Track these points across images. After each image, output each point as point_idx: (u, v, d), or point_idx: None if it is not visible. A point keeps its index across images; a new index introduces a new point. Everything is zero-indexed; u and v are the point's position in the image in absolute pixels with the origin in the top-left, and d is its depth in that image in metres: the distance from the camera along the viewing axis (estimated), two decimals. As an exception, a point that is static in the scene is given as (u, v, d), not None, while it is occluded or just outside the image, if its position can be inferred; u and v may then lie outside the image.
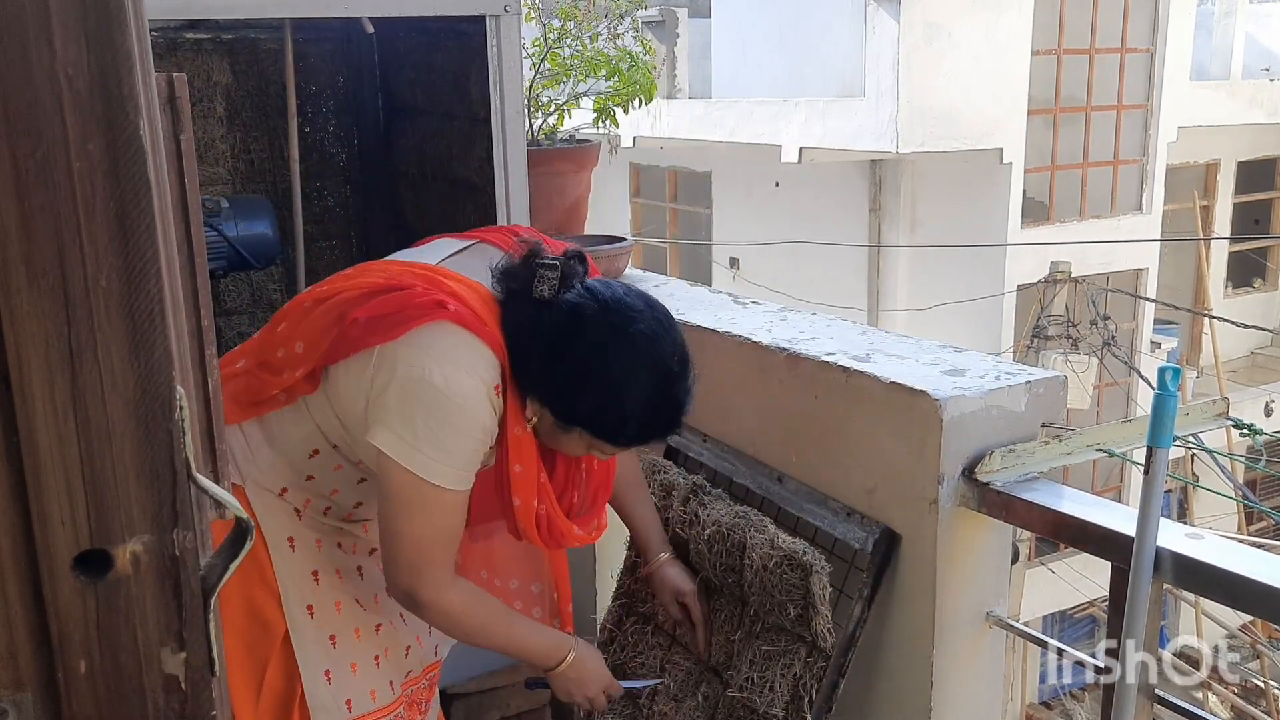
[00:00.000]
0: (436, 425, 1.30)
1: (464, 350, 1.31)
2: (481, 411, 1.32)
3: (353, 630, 1.52)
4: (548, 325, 1.32)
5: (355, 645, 1.52)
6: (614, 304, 1.34)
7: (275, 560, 1.45)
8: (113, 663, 0.60)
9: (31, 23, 0.53)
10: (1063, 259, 8.49)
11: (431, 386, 1.28)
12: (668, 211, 12.46)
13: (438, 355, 1.29)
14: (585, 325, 1.32)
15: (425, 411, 1.30)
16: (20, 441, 0.57)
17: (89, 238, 0.56)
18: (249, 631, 1.45)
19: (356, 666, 1.52)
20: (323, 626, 1.49)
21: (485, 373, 1.32)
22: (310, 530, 1.50)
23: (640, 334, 1.33)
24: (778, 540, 1.53)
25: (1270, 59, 11.94)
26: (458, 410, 1.30)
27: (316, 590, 1.49)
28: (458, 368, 1.30)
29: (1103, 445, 1.47)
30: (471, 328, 1.31)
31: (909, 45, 8.45)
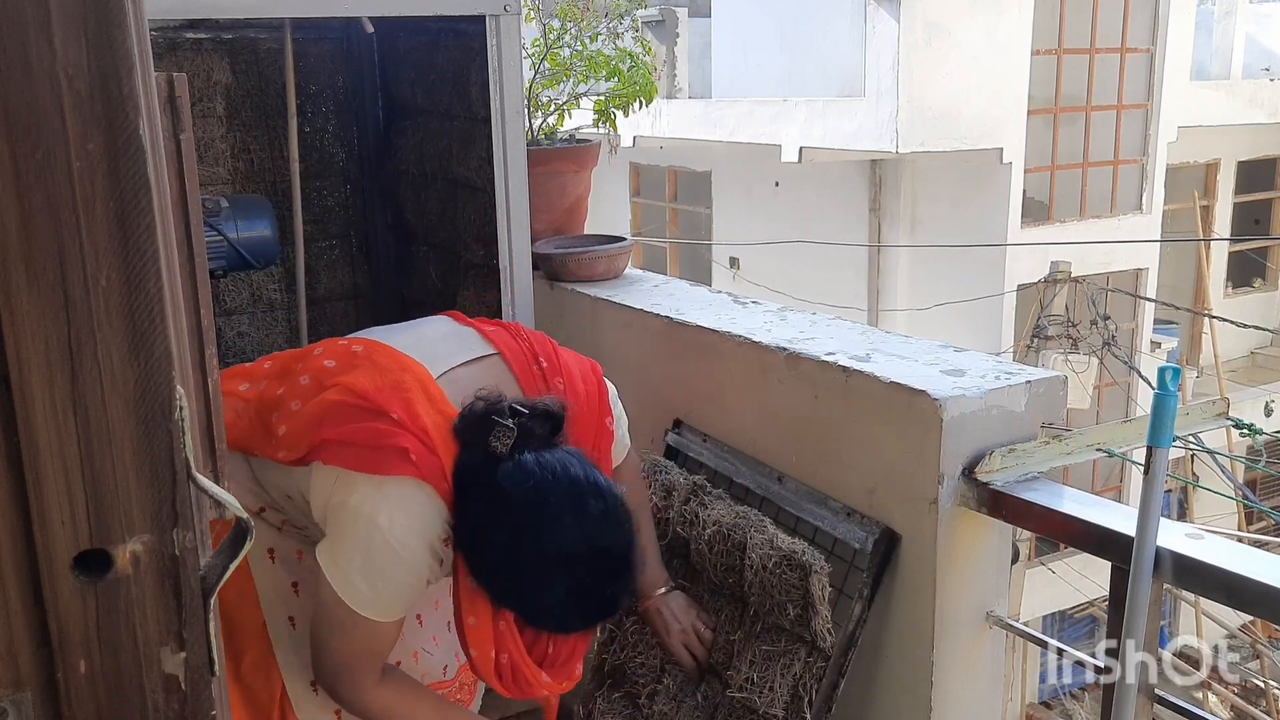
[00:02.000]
0: (374, 567, 1.31)
1: (415, 506, 1.31)
2: (421, 565, 1.33)
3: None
4: (486, 485, 1.30)
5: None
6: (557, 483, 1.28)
7: (255, 572, 1.48)
8: (113, 663, 0.60)
9: (31, 23, 0.53)
10: (1063, 259, 8.49)
11: (377, 529, 1.30)
12: (668, 211, 12.46)
13: (392, 503, 1.31)
14: (514, 499, 1.28)
15: (365, 551, 1.31)
16: (20, 441, 0.57)
17: (89, 238, 0.56)
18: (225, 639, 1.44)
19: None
20: (302, 638, 1.48)
21: (435, 529, 1.33)
22: (292, 540, 1.51)
23: (589, 517, 1.28)
24: (777, 540, 1.53)
25: (1270, 59, 11.94)
26: (396, 560, 1.31)
27: (297, 602, 1.51)
28: (407, 521, 1.31)
29: (1103, 445, 1.47)
30: (431, 481, 1.31)
31: (909, 45, 8.45)
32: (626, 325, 2.05)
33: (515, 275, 2.11)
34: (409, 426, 1.32)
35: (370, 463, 1.32)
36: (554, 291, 2.27)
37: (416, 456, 1.31)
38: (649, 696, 1.73)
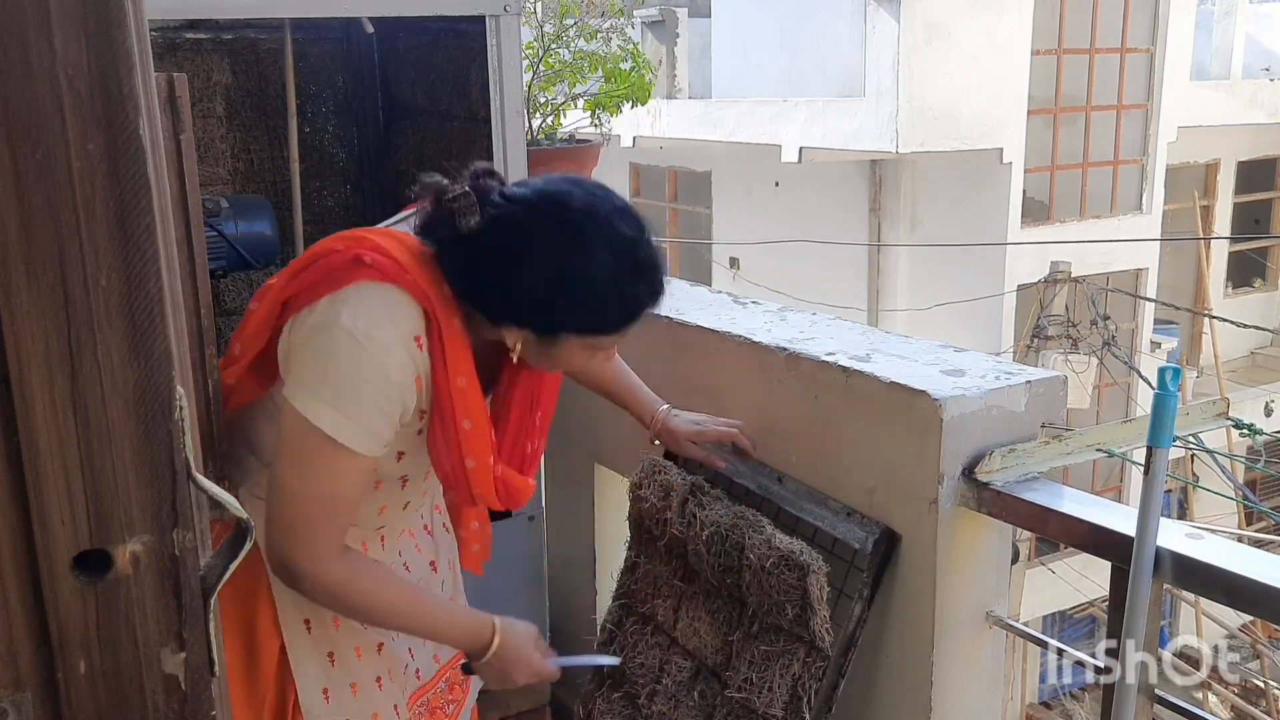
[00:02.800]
0: (344, 374, 1.22)
1: (378, 301, 1.24)
2: (391, 362, 1.23)
3: (352, 649, 1.45)
4: (485, 252, 1.25)
5: (355, 664, 1.46)
6: (540, 198, 1.26)
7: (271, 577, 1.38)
8: (113, 663, 0.60)
9: (31, 23, 0.53)
10: (1063, 259, 8.49)
11: (340, 330, 1.22)
12: (668, 211, 12.46)
13: (352, 304, 1.23)
14: (521, 232, 1.24)
15: (331, 358, 1.22)
16: (20, 441, 0.57)
17: (89, 238, 0.56)
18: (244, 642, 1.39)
19: (356, 688, 1.46)
20: (320, 643, 1.43)
21: (403, 322, 1.24)
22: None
23: (579, 213, 1.25)
24: (775, 540, 1.53)
25: (1270, 59, 11.94)
26: (366, 357, 1.22)
27: (314, 606, 1.41)
28: (370, 314, 1.23)
29: (1103, 445, 1.47)
30: (391, 277, 1.24)
31: (909, 45, 8.46)
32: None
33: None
34: (363, 244, 1.27)
35: (325, 286, 1.24)
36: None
37: (374, 261, 1.24)
38: (648, 696, 1.73)
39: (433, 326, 1.26)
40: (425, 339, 1.26)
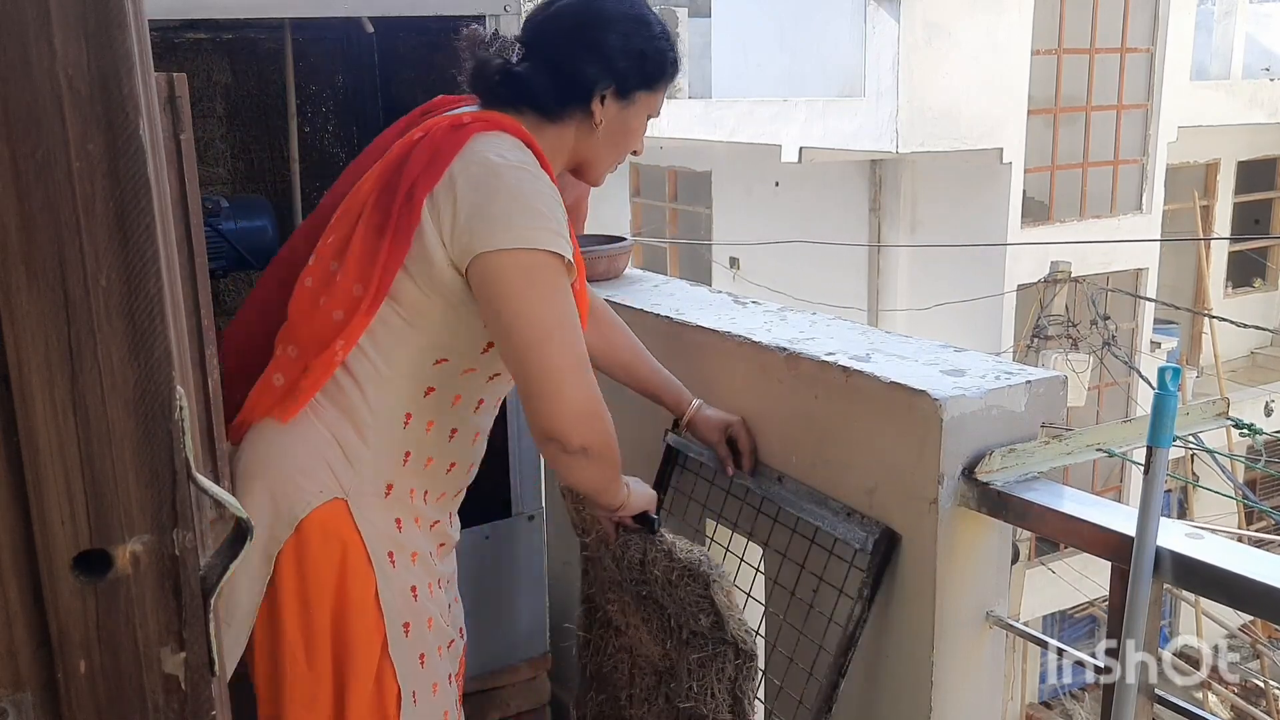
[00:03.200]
0: (533, 198, 1.30)
1: (501, 142, 1.35)
2: (542, 175, 1.34)
3: (437, 649, 1.47)
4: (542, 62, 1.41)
5: (437, 664, 1.47)
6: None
7: (379, 576, 1.39)
8: (113, 663, 0.60)
9: (31, 23, 0.53)
10: (1063, 259, 8.50)
11: (503, 168, 1.31)
12: (668, 211, 12.46)
13: (488, 149, 1.32)
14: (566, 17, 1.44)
15: (513, 192, 1.30)
16: (20, 441, 0.57)
17: (89, 238, 0.56)
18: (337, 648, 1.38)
19: (437, 687, 1.48)
20: (415, 645, 1.44)
21: (529, 154, 1.36)
22: (408, 543, 1.44)
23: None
24: (676, 552, 1.52)
25: (1270, 59, 11.95)
26: (532, 178, 1.31)
27: (414, 608, 1.44)
28: (508, 150, 1.33)
29: (1103, 445, 1.47)
30: (492, 126, 1.36)
31: (909, 45, 8.46)
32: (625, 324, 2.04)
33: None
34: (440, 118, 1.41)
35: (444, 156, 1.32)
36: (554, 291, 2.27)
37: (470, 119, 1.36)
38: (627, 699, 1.73)
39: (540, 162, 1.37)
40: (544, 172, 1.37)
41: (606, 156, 1.49)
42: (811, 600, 1.62)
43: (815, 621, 1.61)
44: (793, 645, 1.66)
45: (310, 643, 1.38)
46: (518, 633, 2.17)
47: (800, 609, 1.65)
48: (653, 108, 1.48)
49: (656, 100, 1.48)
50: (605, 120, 1.44)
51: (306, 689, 1.38)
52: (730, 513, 1.81)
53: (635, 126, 1.48)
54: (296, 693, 1.38)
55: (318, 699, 1.38)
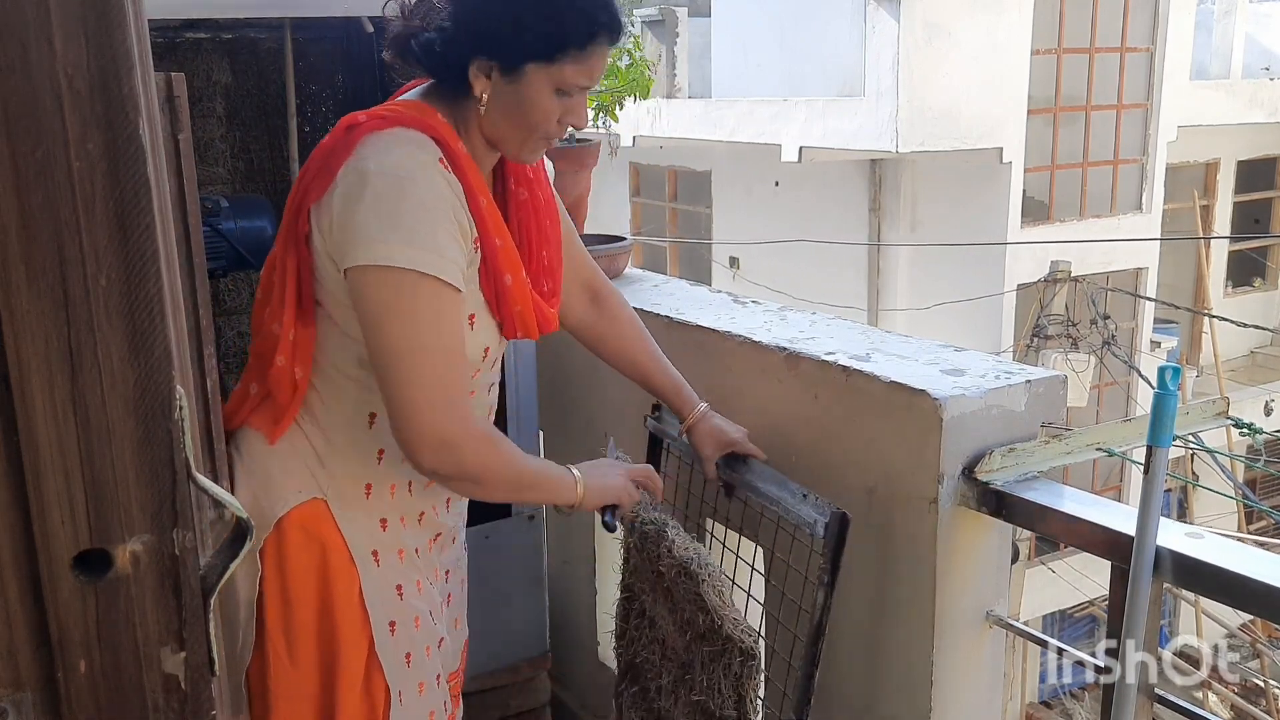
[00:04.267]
0: (401, 210, 1.22)
1: (393, 141, 1.26)
2: (436, 177, 1.25)
3: (424, 648, 1.47)
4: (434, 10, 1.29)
5: (425, 664, 1.47)
6: None
7: (362, 576, 1.39)
8: (113, 662, 0.60)
9: (31, 23, 0.53)
10: (1063, 259, 8.50)
11: (375, 177, 1.22)
12: (668, 211, 12.46)
13: (371, 154, 1.25)
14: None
15: (382, 202, 1.22)
16: (20, 441, 0.57)
17: (89, 237, 0.56)
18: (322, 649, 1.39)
19: (424, 686, 1.47)
20: (400, 644, 1.43)
21: (423, 149, 1.27)
22: (394, 541, 1.44)
23: None
24: (675, 549, 1.51)
25: (1270, 58, 11.95)
26: (411, 185, 1.23)
27: (400, 606, 1.43)
28: (393, 152, 1.25)
29: (1103, 445, 1.47)
30: (390, 122, 1.27)
31: (909, 45, 8.46)
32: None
33: (515, 275, 2.11)
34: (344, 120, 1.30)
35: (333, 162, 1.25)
36: (554, 291, 2.27)
37: (366, 118, 1.28)
38: (657, 691, 1.72)
39: (446, 151, 1.29)
40: (446, 162, 1.28)
41: (509, 133, 1.34)
42: (783, 588, 1.60)
43: (789, 611, 1.59)
44: (774, 637, 1.65)
45: (293, 640, 1.38)
46: (518, 633, 2.17)
47: (778, 598, 1.64)
48: (561, 81, 1.29)
49: (563, 73, 1.28)
50: (491, 95, 1.30)
51: (291, 686, 1.38)
52: (710, 498, 1.79)
53: (534, 100, 1.30)
54: (281, 689, 1.38)
55: (303, 696, 1.39)
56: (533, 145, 1.36)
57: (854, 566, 1.59)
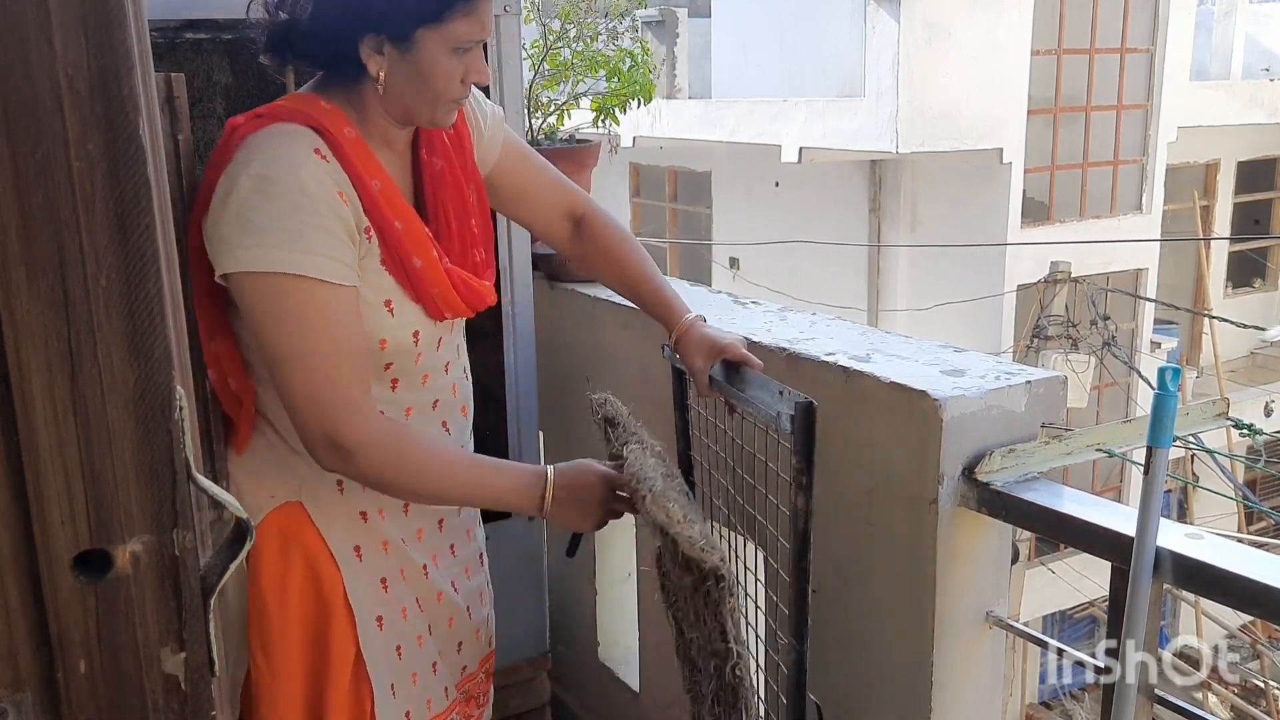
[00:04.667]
0: (271, 213, 1.19)
1: (265, 141, 1.23)
2: (304, 176, 1.21)
3: (415, 638, 1.46)
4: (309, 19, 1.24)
5: (417, 654, 1.46)
6: None
7: (345, 574, 1.37)
8: (113, 663, 0.60)
9: (31, 23, 0.53)
10: (1062, 259, 8.50)
11: (245, 181, 1.19)
12: (668, 211, 12.46)
13: (244, 159, 1.21)
14: None
15: (251, 208, 1.18)
16: (20, 441, 0.57)
17: (89, 238, 0.56)
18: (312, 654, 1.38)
19: (416, 677, 1.46)
20: (390, 638, 1.42)
21: (296, 143, 1.23)
22: (376, 532, 1.41)
23: None
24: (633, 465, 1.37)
25: (1270, 59, 11.95)
26: (279, 187, 1.19)
27: (386, 599, 1.41)
28: (263, 153, 1.21)
29: (1103, 445, 1.47)
30: (265, 120, 1.24)
31: (909, 45, 8.46)
32: (626, 325, 2.04)
33: (515, 275, 2.11)
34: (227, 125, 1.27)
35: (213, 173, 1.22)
36: (554, 291, 2.27)
37: (243, 121, 1.25)
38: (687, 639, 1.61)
39: (328, 139, 1.25)
40: (326, 151, 1.24)
41: (417, 105, 1.29)
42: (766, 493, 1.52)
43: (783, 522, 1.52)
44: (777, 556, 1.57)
45: (271, 651, 1.37)
46: (518, 633, 2.17)
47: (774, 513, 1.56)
48: (455, 39, 1.25)
49: (454, 31, 1.24)
50: (387, 71, 1.26)
51: (267, 691, 1.38)
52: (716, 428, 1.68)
53: (431, 66, 1.26)
54: (261, 692, 1.38)
55: (287, 702, 1.38)
56: (444, 110, 1.32)
57: (854, 567, 1.59)
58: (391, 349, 1.34)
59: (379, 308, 1.30)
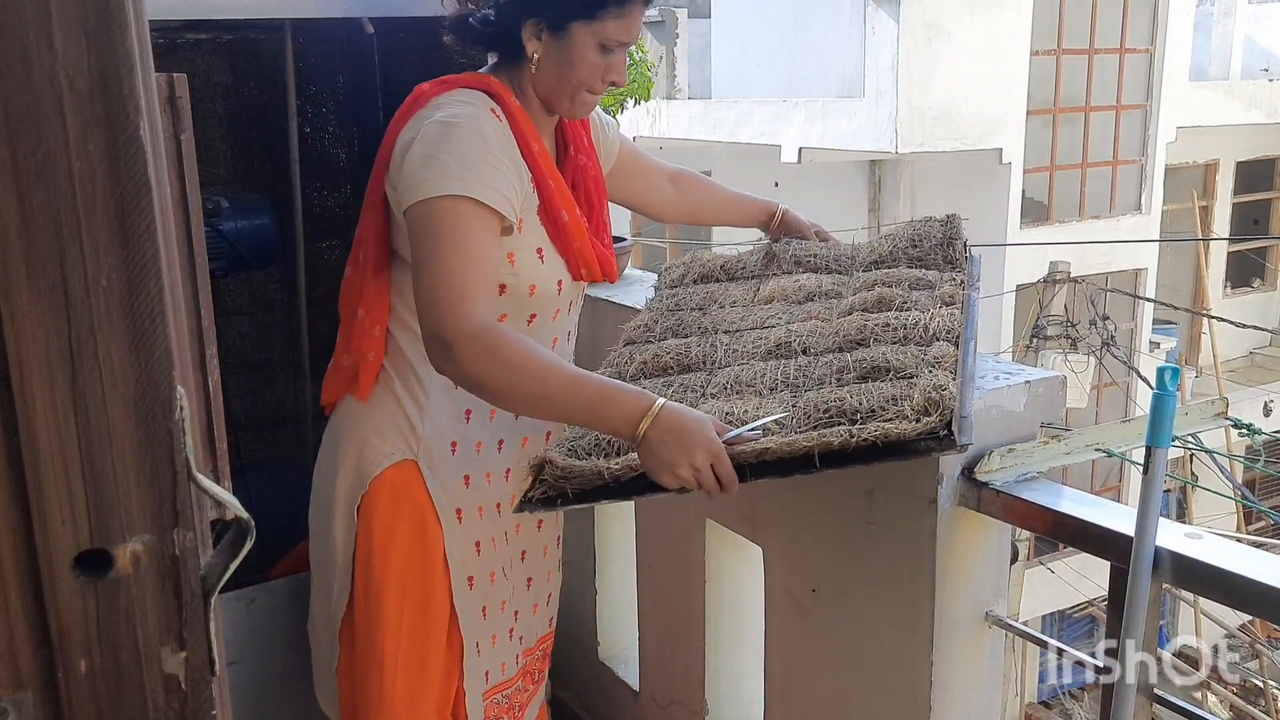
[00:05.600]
0: (447, 149, 1.35)
1: (449, 99, 1.43)
2: (484, 122, 1.39)
3: (499, 602, 1.58)
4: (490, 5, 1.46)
5: (499, 618, 1.59)
6: None
7: (446, 533, 1.51)
8: (113, 662, 0.60)
9: (32, 23, 0.53)
10: (1062, 259, 8.50)
11: (430, 125, 1.37)
12: (667, 211, 12.44)
13: (430, 111, 1.41)
14: None
15: (431, 147, 1.35)
16: (20, 441, 0.57)
17: (89, 238, 0.56)
18: (414, 603, 1.51)
19: (496, 639, 1.59)
20: (478, 598, 1.55)
21: (476, 101, 1.43)
22: (475, 498, 1.54)
23: None
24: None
25: (1269, 59, 11.95)
26: (460, 129, 1.36)
27: (478, 561, 1.55)
28: (448, 106, 1.41)
29: (1102, 445, 1.47)
30: (449, 86, 1.44)
31: (908, 45, 8.46)
32: (627, 324, 2.04)
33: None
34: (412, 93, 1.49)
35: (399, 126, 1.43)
36: (553, 292, 2.27)
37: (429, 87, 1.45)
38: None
39: (501, 103, 1.44)
40: (500, 112, 1.44)
41: (559, 88, 1.47)
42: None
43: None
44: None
45: (370, 589, 1.49)
46: (517, 633, 2.17)
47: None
48: (604, 36, 1.43)
49: (605, 29, 1.42)
50: (541, 54, 1.44)
51: (366, 630, 1.51)
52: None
53: (579, 56, 1.43)
54: (361, 630, 1.52)
55: (381, 642, 1.49)
56: (581, 100, 1.48)
57: (854, 567, 1.59)
58: (539, 296, 1.49)
59: (532, 253, 1.47)
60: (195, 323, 1.10)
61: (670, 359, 1.54)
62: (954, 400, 1.20)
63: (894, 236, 1.83)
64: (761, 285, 1.74)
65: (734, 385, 1.41)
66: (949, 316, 1.46)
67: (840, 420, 1.23)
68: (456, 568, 1.52)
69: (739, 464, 1.21)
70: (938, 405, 1.19)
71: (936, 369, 1.30)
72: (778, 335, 1.53)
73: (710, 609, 1.93)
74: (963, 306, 1.51)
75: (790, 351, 1.49)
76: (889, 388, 1.28)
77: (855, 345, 1.46)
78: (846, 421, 1.22)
